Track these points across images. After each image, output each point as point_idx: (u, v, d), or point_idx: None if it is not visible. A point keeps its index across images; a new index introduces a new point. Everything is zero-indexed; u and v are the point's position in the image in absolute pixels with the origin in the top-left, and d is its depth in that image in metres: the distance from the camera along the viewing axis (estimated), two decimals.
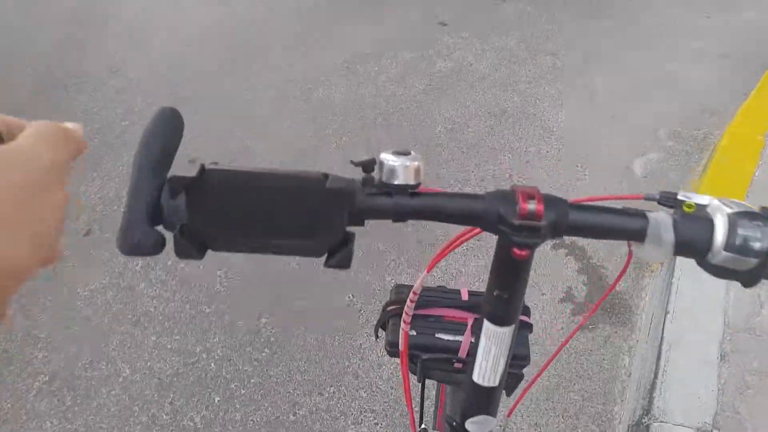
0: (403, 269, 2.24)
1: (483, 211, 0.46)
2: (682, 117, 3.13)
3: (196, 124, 3.06)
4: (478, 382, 0.60)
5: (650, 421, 1.57)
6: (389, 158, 0.46)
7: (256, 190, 0.42)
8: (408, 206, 0.46)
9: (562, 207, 0.46)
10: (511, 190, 0.47)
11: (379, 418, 1.76)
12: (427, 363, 0.80)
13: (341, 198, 0.43)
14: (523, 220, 0.45)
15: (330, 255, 0.44)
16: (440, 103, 3.21)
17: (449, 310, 0.83)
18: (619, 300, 2.14)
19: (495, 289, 0.53)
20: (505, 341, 0.56)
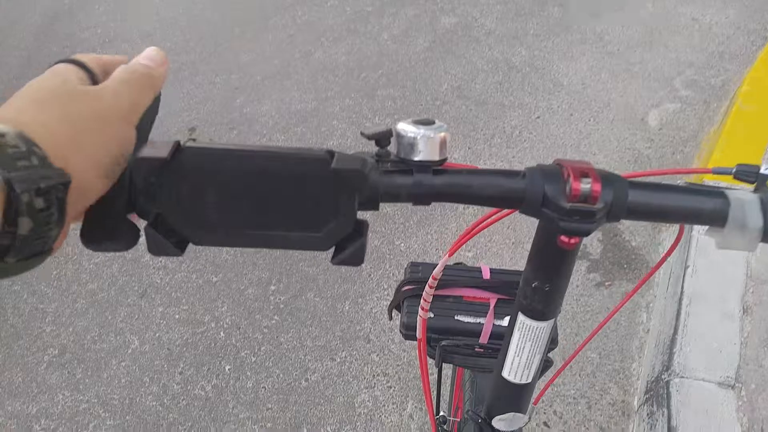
0: (412, 232, 2.17)
1: (523, 192, 0.38)
2: (698, 64, 3.00)
3: (194, 90, 2.98)
4: (509, 379, 0.53)
5: (670, 377, 1.51)
6: (408, 129, 0.37)
7: (244, 173, 0.34)
8: (431, 187, 0.38)
9: (620, 186, 0.38)
10: (556, 166, 0.39)
11: (392, 382, 1.73)
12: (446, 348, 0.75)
13: (351, 181, 0.34)
14: (575, 202, 0.37)
15: (338, 249, 0.36)
16: (445, 60, 3.09)
17: (470, 290, 0.77)
18: (635, 256, 2.07)
19: (534, 281, 0.45)
20: (542, 336, 0.49)
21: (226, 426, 1.66)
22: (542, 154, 2.48)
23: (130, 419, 1.69)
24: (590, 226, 0.38)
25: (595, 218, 0.37)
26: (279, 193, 0.34)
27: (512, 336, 0.50)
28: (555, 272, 0.44)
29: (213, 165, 0.33)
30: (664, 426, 1.43)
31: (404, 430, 1.62)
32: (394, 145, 0.39)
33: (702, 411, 1.43)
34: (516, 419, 0.58)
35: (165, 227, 0.35)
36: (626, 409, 1.64)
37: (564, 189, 0.37)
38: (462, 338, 0.74)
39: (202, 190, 0.34)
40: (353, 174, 0.34)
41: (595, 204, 0.37)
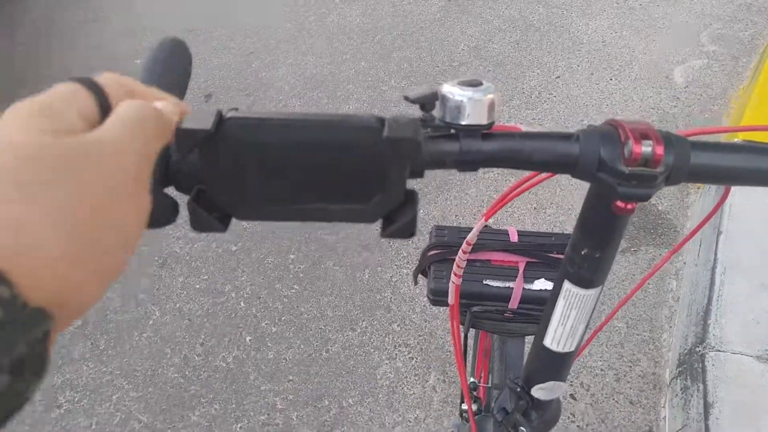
0: (432, 198, 2.02)
1: (577, 156, 0.34)
2: (725, 17, 2.73)
3: (209, 56, 2.80)
4: (551, 348, 0.49)
5: (705, 350, 1.37)
6: (454, 91, 0.33)
7: (290, 143, 0.30)
8: (480, 152, 0.34)
9: (683, 147, 0.34)
10: (613, 127, 0.34)
11: (414, 352, 1.60)
12: (477, 314, 0.70)
13: (403, 150, 0.30)
14: (636, 166, 0.33)
15: (387, 221, 0.32)
16: (461, 19, 2.85)
17: (498, 253, 0.72)
18: (662, 220, 1.89)
19: (584, 247, 0.41)
20: (588, 305, 0.45)
21: (247, 398, 1.56)
22: (563, 115, 2.28)
23: (152, 391, 1.60)
24: (650, 191, 0.34)
25: (655, 183, 0.33)
26: (326, 164, 0.30)
27: (556, 305, 0.46)
28: (607, 239, 0.40)
29: (258, 136, 0.30)
30: (700, 401, 1.29)
31: (427, 401, 1.50)
32: (439, 109, 0.34)
33: (740, 386, 1.29)
34: (556, 387, 0.53)
35: (207, 202, 0.31)
36: (657, 381, 1.49)
37: (622, 152, 0.33)
38: (492, 303, 0.70)
39: (246, 163, 0.30)
40: (407, 142, 0.30)
41: (657, 168, 0.33)
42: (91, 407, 1.58)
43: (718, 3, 2.82)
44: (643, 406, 1.45)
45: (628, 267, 1.75)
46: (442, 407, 1.48)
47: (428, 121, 0.34)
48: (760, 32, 2.60)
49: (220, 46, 2.86)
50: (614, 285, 1.70)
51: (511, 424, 0.60)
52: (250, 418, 1.52)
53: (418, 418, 1.47)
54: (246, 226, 2.00)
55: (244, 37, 2.91)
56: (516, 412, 0.58)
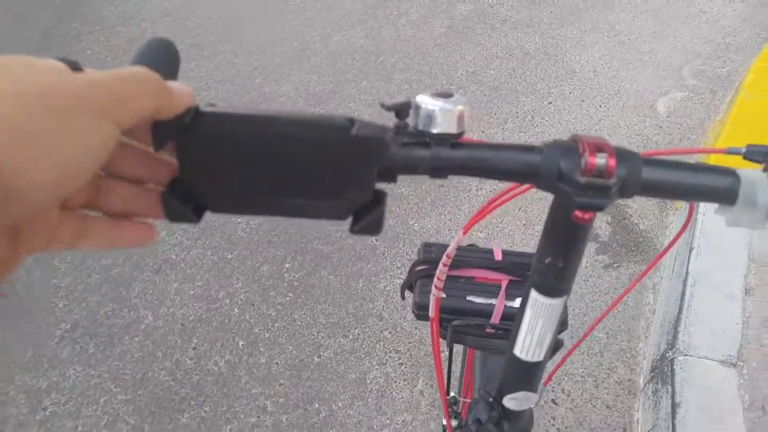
0: (426, 212, 2.05)
1: (539, 166, 0.35)
2: (706, 54, 2.84)
3: (213, 70, 2.85)
4: (520, 357, 0.49)
5: (675, 355, 1.43)
6: (427, 101, 0.35)
7: (263, 138, 0.30)
8: (449, 159, 0.35)
9: (635, 162, 0.35)
10: (573, 141, 0.36)
11: (404, 359, 1.62)
12: (457, 328, 0.70)
13: (371, 149, 0.31)
14: (590, 177, 0.34)
15: (356, 218, 0.33)
16: (461, 46, 2.94)
17: (482, 270, 0.73)
18: (643, 239, 1.95)
19: (548, 256, 0.42)
20: (554, 314, 0.46)
21: (238, 401, 1.56)
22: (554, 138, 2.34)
23: (142, 394, 1.59)
24: (604, 201, 0.35)
25: (609, 193, 0.35)
26: (298, 160, 0.31)
27: (524, 313, 0.47)
28: (569, 248, 0.41)
29: (232, 130, 0.30)
30: (668, 402, 1.34)
31: (415, 406, 1.51)
32: (412, 118, 0.35)
33: (705, 388, 1.35)
34: (527, 398, 0.54)
35: (182, 193, 0.31)
36: (632, 387, 1.53)
37: (579, 163, 0.34)
38: (473, 319, 0.70)
39: (220, 156, 0.31)
40: (374, 141, 0.31)
41: (610, 179, 0.34)
42: (77, 410, 1.56)
43: (700, 41, 2.94)
44: (619, 410, 1.48)
45: (610, 281, 1.80)
46: (429, 410, 1.50)
47: (402, 128, 0.35)
48: (737, 69, 2.71)
49: (224, 61, 2.92)
50: (597, 298, 1.74)
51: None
52: (240, 420, 1.52)
53: (405, 421, 1.48)
54: (242, 234, 2.02)
55: (248, 54, 2.97)
56: (489, 423, 0.58)
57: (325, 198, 0.32)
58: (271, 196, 0.32)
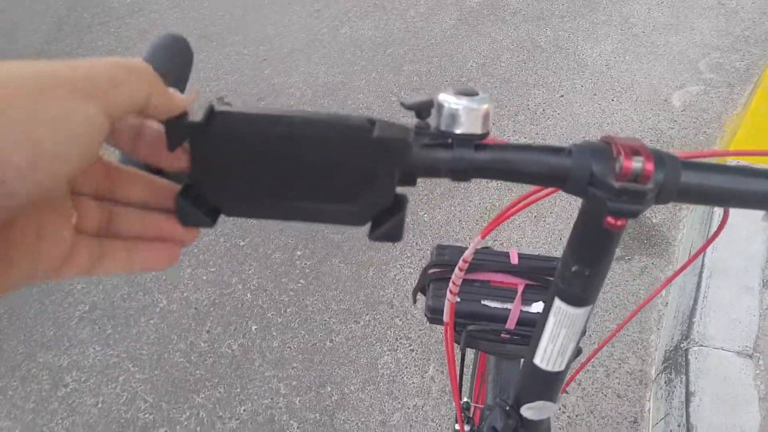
0: (436, 203, 2.15)
1: (569, 170, 0.34)
2: (724, 48, 2.92)
3: (222, 61, 2.96)
4: (541, 367, 0.50)
5: (689, 345, 1.50)
6: (450, 100, 0.34)
7: (280, 139, 0.30)
8: (472, 161, 0.34)
9: (673, 165, 0.34)
10: (605, 143, 0.35)
11: (415, 345, 1.72)
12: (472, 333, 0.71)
13: (393, 151, 0.31)
14: (625, 181, 0.33)
15: (375, 224, 0.33)
16: (471, 38, 3.04)
17: (497, 274, 0.74)
18: (655, 232, 2.03)
19: (574, 264, 0.42)
20: (578, 323, 0.46)
21: (252, 383, 1.66)
22: (566, 131, 2.44)
23: (158, 374, 1.70)
24: (639, 208, 0.34)
25: (645, 199, 0.34)
26: (315, 163, 0.31)
27: (547, 322, 0.46)
28: (597, 256, 0.41)
29: (249, 131, 0.30)
30: (682, 392, 1.41)
31: (425, 391, 1.61)
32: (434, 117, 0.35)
33: (720, 378, 1.42)
34: (545, 408, 0.54)
35: (196, 196, 0.31)
36: (643, 378, 1.62)
37: (613, 167, 0.33)
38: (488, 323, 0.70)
39: (235, 158, 0.30)
40: (397, 143, 0.30)
41: (646, 184, 0.33)
42: (97, 387, 1.68)
43: (718, 34, 3.02)
44: (630, 399, 1.57)
45: (621, 273, 1.89)
46: (440, 396, 1.59)
47: (423, 129, 0.34)
48: (756, 63, 2.79)
49: (233, 52, 3.03)
50: (608, 290, 1.83)
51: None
52: (254, 402, 1.62)
53: (416, 406, 1.58)
54: (254, 222, 2.13)
55: (257, 45, 3.08)
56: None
57: (343, 202, 0.32)
58: (287, 200, 0.31)
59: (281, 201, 0.31)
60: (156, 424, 1.58)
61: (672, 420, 1.40)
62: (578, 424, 1.52)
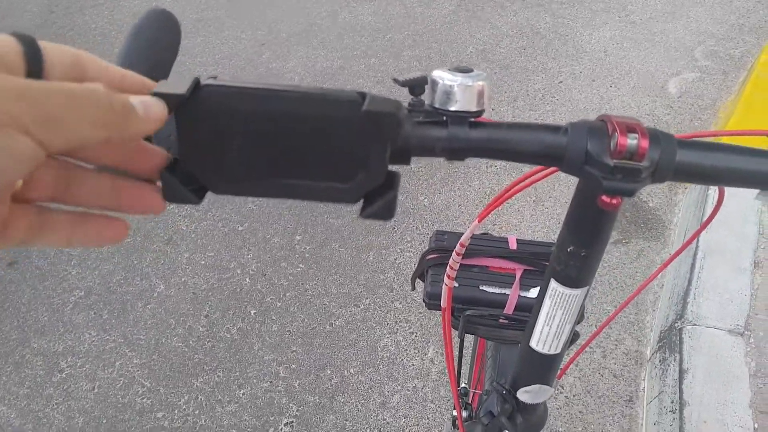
0: (436, 188, 2.13)
1: (565, 148, 0.33)
2: (719, 35, 2.90)
3: (220, 45, 2.91)
4: (537, 349, 0.49)
5: (683, 325, 1.51)
6: (445, 77, 0.33)
7: (268, 114, 0.29)
8: (467, 140, 0.33)
9: (669, 143, 0.33)
10: (601, 121, 0.34)
11: (414, 328, 1.70)
12: (470, 318, 0.70)
13: (384, 126, 0.29)
14: (620, 159, 0.33)
15: (367, 201, 0.32)
16: (470, 24, 3.00)
17: (495, 260, 0.73)
18: (652, 215, 2.02)
19: (570, 245, 0.41)
20: (574, 305, 0.45)
21: (251, 367, 1.64)
22: (565, 117, 2.42)
23: (156, 359, 1.67)
24: (635, 186, 0.33)
25: (640, 177, 0.33)
26: (305, 139, 0.29)
27: (543, 304, 0.46)
28: (593, 236, 0.40)
29: (235, 105, 0.28)
30: (676, 369, 1.42)
31: (425, 373, 1.60)
32: (428, 94, 0.34)
33: (712, 356, 1.43)
34: (542, 391, 0.53)
35: (182, 173, 0.30)
36: (639, 358, 1.61)
37: (609, 145, 0.33)
38: (486, 309, 0.70)
39: (223, 134, 0.29)
40: (386, 117, 0.29)
41: (641, 161, 0.33)
42: (93, 372, 1.65)
43: (713, 22, 3.00)
44: (626, 379, 1.57)
45: (619, 257, 1.88)
46: (439, 378, 1.58)
47: (417, 106, 0.33)
48: (750, 50, 2.77)
49: (230, 36, 2.98)
50: (605, 272, 1.82)
51: (497, 428, 0.60)
52: (253, 385, 1.60)
53: (416, 387, 1.57)
54: (252, 207, 2.10)
55: (255, 29, 3.03)
56: (501, 416, 0.57)
57: (334, 180, 0.30)
58: (276, 177, 0.30)
59: (270, 178, 0.30)
60: (154, 408, 1.56)
61: (665, 397, 1.40)
62: (575, 404, 1.52)
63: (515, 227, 1.98)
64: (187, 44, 2.94)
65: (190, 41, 2.93)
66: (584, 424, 1.48)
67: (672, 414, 1.35)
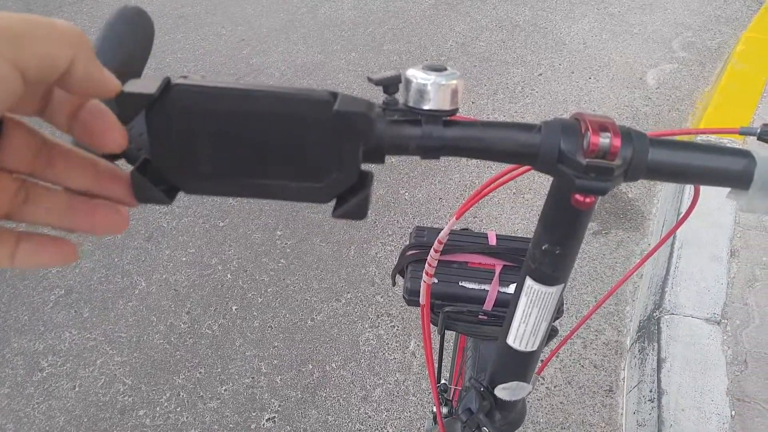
0: (417, 182, 2.10)
1: (538, 147, 0.33)
2: (696, 27, 2.90)
3: (200, 41, 2.85)
4: (514, 347, 0.48)
5: (661, 314, 1.50)
6: (418, 75, 0.32)
7: (240, 114, 0.28)
8: (441, 138, 0.33)
9: (641, 142, 0.33)
10: (575, 119, 0.34)
11: (396, 321, 1.68)
12: (449, 315, 0.69)
13: (356, 126, 0.29)
14: (593, 158, 0.32)
15: (340, 201, 0.31)
16: (451, 17, 2.97)
17: (475, 255, 0.72)
18: (631, 206, 2.01)
19: (544, 243, 0.40)
20: (550, 302, 0.44)
21: (233, 363, 1.61)
22: (544, 109, 2.40)
23: (137, 356, 1.63)
24: (607, 185, 0.33)
25: (613, 176, 0.33)
26: (277, 138, 0.29)
27: (519, 301, 0.45)
28: (567, 234, 0.39)
29: (206, 105, 0.28)
30: (654, 358, 1.41)
31: (407, 366, 1.57)
32: (402, 93, 0.33)
33: (690, 344, 1.42)
34: (519, 388, 0.52)
35: (153, 172, 0.29)
36: (619, 348, 1.60)
37: (581, 143, 0.32)
38: (466, 305, 0.69)
39: (193, 133, 0.28)
40: (358, 117, 0.28)
41: (614, 160, 0.32)
42: (74, 371, 1.61)
43: (690, 13, 2.99)
44: (606, 369, 1.55)
45: (599, 247, 1.86)
46: (421, 371, 1.56)
47: (391, 105, 0.33)
48: (727, 41, 2.77)
49: (210, 33, 2.92)
50: (585, 263, 1.81)
51: (475, 425, 0.59)
52: (235, 381, 1.57)
53: (398, 381, 1.54)
54: (233, 203, 2.06)
55: (235, 25, 2.97)
56: (480, 413, 0.57)
57: (306, 179, 0.30)
58: (248, 177, 0.30)
59: (242, 178, 0.30)
60: (135, 406, 1.52)
61: (644, 386, 1.40)
62: (556, 395, 1.50)
63: (495, 220, 1.96)
64: (167, 41, 2.88)
65: (170, 38, 2.87)
66: (565, 414, 1.47)
67: (651, 403, 1.34)
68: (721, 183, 0.35)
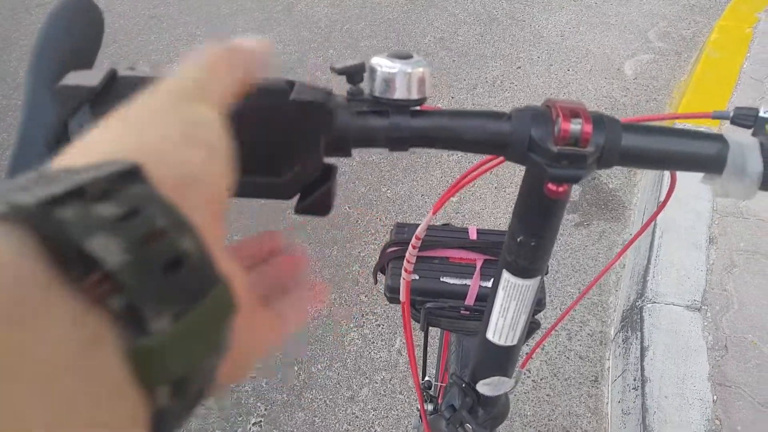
0: (399, 179, 2.11)
1: (509, 135, 0.32)
2: (671, 17, 2.94)
3: (174, 42, 2.82)
4: (493, 341, 0.47)
5: (644, 303, 1.53)
6: (384, 63, 0.31)
7: None
8: (409, 129, 0.31)
9: (614, 128, 0.32)
10: (545, 106, 0.33)
11: (381, 320, 1.68)
12: (431, 311, 0.69)
13: (313, 115, 0.27)
14: (564, 145, 0.31)
15: (303, 196, 0.30)
16: (428, 12, 2.97)
17: (455, 251, 0.72)
18: (612, 197, 2.04)
19: (520, 234, 0.39)
20: (528, 295, 0.44)
21: None
22: (524, 102, 2.40)
23: None
24: (580, 172, 0.32)
25: (585, 163, 0.32)
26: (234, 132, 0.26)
27: (496, 295, 0.45)
28: (542, 225, 0.39)
29: None
30: (638, 347, 1.44)
31: (393, 364, 1.58)
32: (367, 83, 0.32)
33: (671, 332, 1.45)
34: (501, 383, 0.52)
35: None
36: (603, 338, 1.63)
37: (552, 131, 0.32)
38: (447, 300, 0.69)
39: None
40: (315, 107, 0.27)
41: (586, 147, 0.31)
42: None
43: (665, 3, 3.03)
44: (591, 360, 1.58)
45: (581, 239, 1.89)
46: (407, 369, 1.56)
47: (356, 95, 0.32)
48: (701, 30, 2.82)
49: (184, 34, 2.89)
50: (567, 255, 1.83)
51: (458, 422, 0.59)
52: None
53: (384, 380, 1.55)
54: None
55: (210, 25, 2.95)
56: (462, 409, 0.57)
57: (267, 174, 0.28)
58: None
59: None
60: None
61: (629, 375, 1.42)
62: (542, 387, 1.52)
63: (478, 215, 1.97)
64: (139, 42, 2.84)
65: (143, 39, 2.83)
66: (552, 406, 1.48)
67: (635, 391, 1.36)
68: (695, 168, 0.35)
